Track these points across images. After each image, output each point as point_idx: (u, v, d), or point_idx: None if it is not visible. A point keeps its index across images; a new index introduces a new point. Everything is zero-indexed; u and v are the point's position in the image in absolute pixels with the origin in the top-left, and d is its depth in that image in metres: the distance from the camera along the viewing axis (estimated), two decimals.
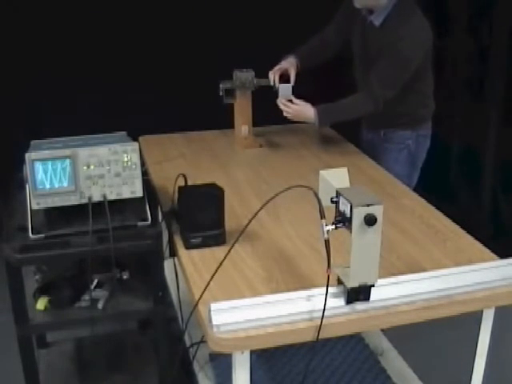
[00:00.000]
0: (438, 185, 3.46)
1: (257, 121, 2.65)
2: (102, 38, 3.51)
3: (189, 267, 1.67)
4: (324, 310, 1.38)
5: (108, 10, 3.50)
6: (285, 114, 2.47)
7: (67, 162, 1.70)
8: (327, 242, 1.34)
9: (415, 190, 2.35)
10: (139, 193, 1.80)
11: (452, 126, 3.41)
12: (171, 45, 3.66)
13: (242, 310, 1.38)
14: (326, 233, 1.34)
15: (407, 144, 2.61)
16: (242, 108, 2.60)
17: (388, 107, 2.44)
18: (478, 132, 3.52)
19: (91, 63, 3.55)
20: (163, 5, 3.60)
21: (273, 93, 2.53)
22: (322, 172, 1.55)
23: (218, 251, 1.73)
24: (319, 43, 2.77)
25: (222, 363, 2.23)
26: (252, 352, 1.43)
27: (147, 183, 1.96)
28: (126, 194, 1.78)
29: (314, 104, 2.48)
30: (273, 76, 2.62)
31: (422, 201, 2.12)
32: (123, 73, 3.57)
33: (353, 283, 1.39)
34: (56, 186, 1.70)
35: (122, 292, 1.92)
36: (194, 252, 1.74)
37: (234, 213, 1.96)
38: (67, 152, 1.70)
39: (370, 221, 1.30)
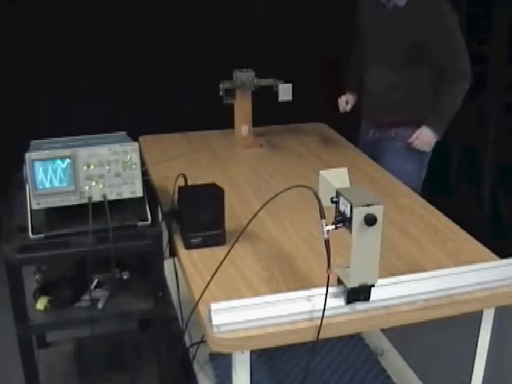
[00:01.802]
0: (438, 185, 3.46)
1: (257, 121, 2.65)
2: (103, 38, 3.51)
3: (189, 267, 1.67)
4: (324, 309, 1.38)
5: (108, 9, 3.50)
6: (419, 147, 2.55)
7: (67, 161, 1.70)
8: (327, 242, 1.34)
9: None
10: (139, 193, 1.80)
11: (452, 126, 3.41)
12: (171, 45, 3.66)
13: (242, 310, 1.38)
14: (326, 233, 1.34)
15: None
16: (242, 108, 2.60)
17: (404, 105, 2.44)
18: (477, 132, 3.52)
19: (91, 63, 3.55)
20: (164, 5, 3.60)
21: (273, 93, 2.53)
22: (321, 172, 1.55)
23: (218, 251, 1.72)
24: (360, 58, 2.77)
25: (221, 363, 2.23)
26: (252, 352, 1.43)
27: (147, 183, 1.96)
28: (126, 193, 1.78)
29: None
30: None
31: (422, 201, 2.12)
32: (123, 73, 3.57)
33: (353, 283, 1.39)
34: (56, 185, 1.70)
35: (122, 292, 1.92)
36: (194, 252, 1.74)
37: (234, 213, 1.96)
38: (67, 152, 1.70)
39: (370, 221, 1.30)
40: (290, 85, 2.54)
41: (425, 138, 2.54)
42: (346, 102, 2.89)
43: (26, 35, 3.47)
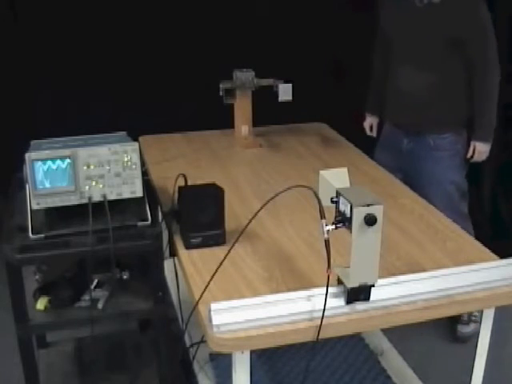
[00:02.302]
0: None
1: (257, 121, 2.65)
2: (103, 39, 3.51)
3: (189, 267, 1.67)
4: (324, 309, 1.38)
5: (108, 9, 3.50)
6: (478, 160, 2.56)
7: (67, 161, 1.70)
8: (327, 242, 1.34)
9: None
10: (139, 193, 1.80)
11: None
12: (171, 45, 3.66)
13: (242, 310, 1.38)
14: (326, 233, 1.34)
15: (458, 149, 2.57)
16: (242, 108, 2.60)
17: (440, 106, 2.46)
18: None
19: (91, 63, 3.55)
20: (164, 5, 3.60)
21: (273, 93, 2.53)
22: (321, 172, 1.55)
23: (218, 251, 1.72)
24: (383, 63, 2.73)
25: (221, 363, 2.23)
26: (252, 352, 1.43)
27: (147, 183, 1.96)
28: (126, 194, 1.78)
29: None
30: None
31: (422, 201, 2.11)
32: (123, 73, 3.57)
33: (353, 283, 1.39)
34: (56, 185, 1.71)
35: (122, 292, 1.92)
36: (194, 252, 1.74)
37: (234, 213, 1.96)
38: (67, 152, 1.70)
39: (370, 221, 1.30)
40: (290, 85, 2.54)
41: (480, 150, 2.52)
42: (370, 128, 2.90)
43: (27, 36, 3.47)
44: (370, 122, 2.91)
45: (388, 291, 1.48)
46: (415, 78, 2.52)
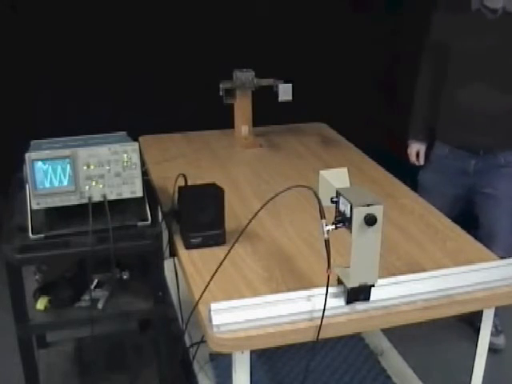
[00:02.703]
0: None
1: (257, 121, 2.65)
2: (103, 38, 3.51)
3: (189, 267, 1.67)
4: (324, 309, 1.38)
5: (108, 9, 3.50)
6: None
7: (67, 161, 1.70)
8: (327, 242, 1.34)
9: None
10: (139, 193, 1.80)
11: None
12: (172, 45, 3.66)
13: (242, 310, 1.38)
14: (326, 233, 1.34)
15: None
16: (242, 108, 2.60)
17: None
18: None
19: (91, 63, 3.56)
20: (164, 5, 3.60)
21: (273, 93, 2.53)
22: (321, 172, 1.55)
23: (218, 251, 1.72)
24: (434, 85, 2.58)
25: (221, 363, 2.23)
26: (252, 352, 1.43)
27: (147, 183, 1.96)
28: (126, 193, 1.78)
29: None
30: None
31: (422, 201, 2.11)
32: (123, 73, 3.57)
33: (353, 283, 1.39)
34: (56, 185, 1.71)
35: (122, 292, 1.92)
36: (194, 252, 1.74)
37: (234, 213, 1.96)
38: (67, 152, 1.70)
39: (370, 221, 1.30)
40: (290, 85, 2.54)
41: None
42: (416, 155, 2.73)
43: (27, 36, 3.47)
44: (416, 149, 2.72)
45: (388, 291, 1.48)
46: (488, 95, 2.37)
